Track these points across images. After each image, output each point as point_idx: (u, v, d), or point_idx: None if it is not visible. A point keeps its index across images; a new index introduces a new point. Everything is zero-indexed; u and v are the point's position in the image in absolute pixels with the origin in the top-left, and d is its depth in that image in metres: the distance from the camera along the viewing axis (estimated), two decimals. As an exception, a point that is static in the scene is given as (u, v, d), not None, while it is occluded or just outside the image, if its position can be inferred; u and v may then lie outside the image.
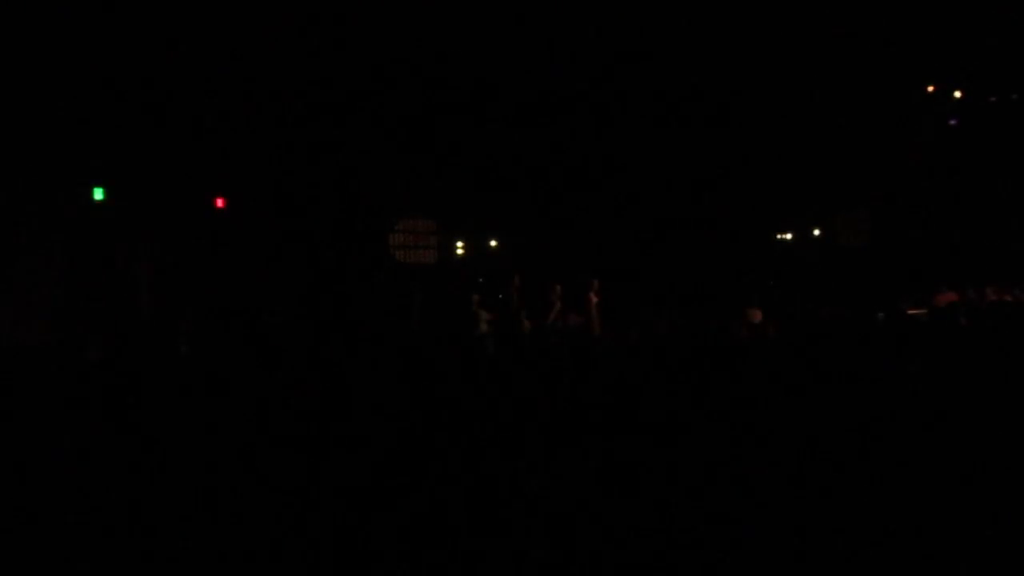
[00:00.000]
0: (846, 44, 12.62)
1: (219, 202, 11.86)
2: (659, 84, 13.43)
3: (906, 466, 3.95)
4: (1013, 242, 14.98)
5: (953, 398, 4.82)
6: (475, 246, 15.91)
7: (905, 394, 5.12)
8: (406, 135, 13.79)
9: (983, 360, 5.50)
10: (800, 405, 5.03)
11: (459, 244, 15.27)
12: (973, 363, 5.43)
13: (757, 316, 13.32)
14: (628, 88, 13.51)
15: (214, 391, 6.08)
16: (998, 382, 4.95)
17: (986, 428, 4.28)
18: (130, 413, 5.81)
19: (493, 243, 16.49)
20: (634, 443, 4.43)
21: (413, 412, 5.17)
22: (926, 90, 14.81)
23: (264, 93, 12.16)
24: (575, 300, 11.00)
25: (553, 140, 14.32)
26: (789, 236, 16.21)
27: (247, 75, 11.82)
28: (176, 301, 10.68)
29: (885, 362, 5.89)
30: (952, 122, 15.31)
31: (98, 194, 10.64)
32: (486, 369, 6.82)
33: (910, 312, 10.13)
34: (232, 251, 11.43)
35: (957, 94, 14.76)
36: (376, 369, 7.18)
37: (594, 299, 10.60)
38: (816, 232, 16.25)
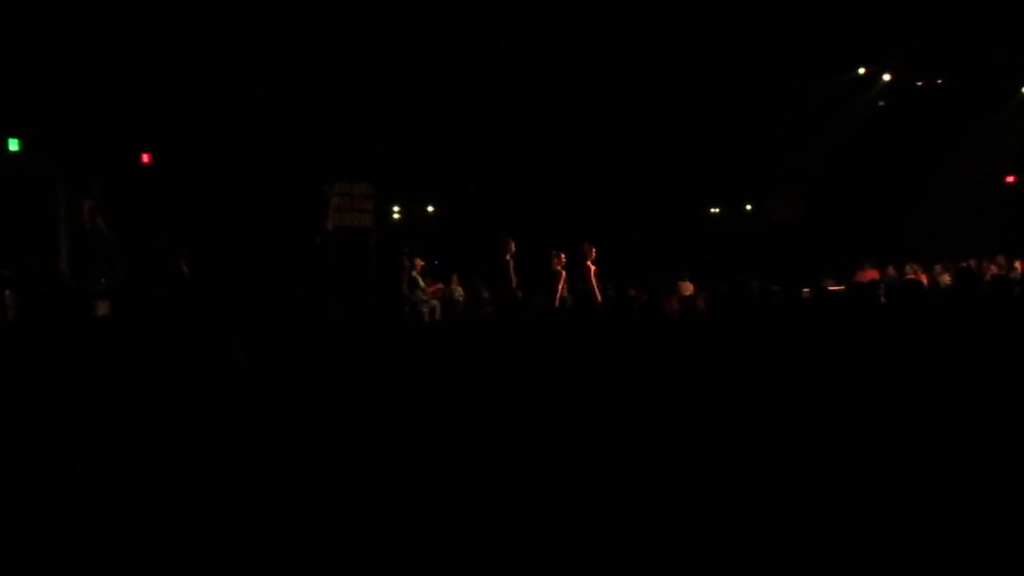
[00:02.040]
0: (784, 23, 12.81)
1: (145, 158, 11.50)
2: (598, 52, 13.42)
3: (821, 441, 4.09)
4: (937, 221, 15.61)
5: (865, 374, 4.99)
6: (412, 211, 15.81)
7: (821, 368, 5.27)
8: (342, 95, 13.54)
9: (897, 337, 5.70)
10: (725, 379, 5.13)
11: (395, 209, 15.15)
12: (888, 340, 5.63)
13: (688, 289, 13.62)
14: (566, 56, 13.48)
15: (135, 356, 5.90)
16: (909, 360, 5.14)
17: (896, 405, 4.45)
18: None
19: (431, 208, 16.40)
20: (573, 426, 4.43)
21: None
22: (857, 72, 15.27)
23: (194, 47, 11.76)
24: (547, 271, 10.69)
25: (488, 106, 14.24)
26: (722, 211, 16.52)
27: (174, 29, 11.40)
28: (96, 260, 10.31)
29: (807, 337, 6.05)
30: (881, 104, 15.81)
31: (13, 145, 10.21)
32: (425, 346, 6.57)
33: (831, 288, 10.45)
34: (158, 208, 11.08)
35: (886, 77, 15.26)
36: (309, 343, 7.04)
37: (592, 268, 10.00)
38: (748, 207, 16.59)
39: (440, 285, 12.16)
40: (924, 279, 12.26)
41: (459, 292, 12.45)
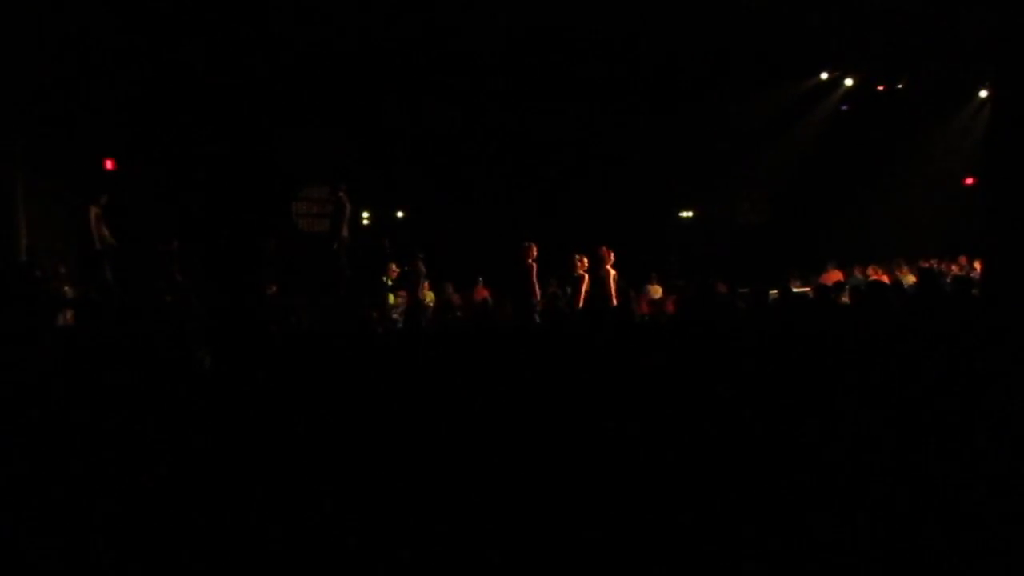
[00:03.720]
0: (749, 29, 12.97)
1: (108, 164, 11.33)
2: (565, 57, 13.48)
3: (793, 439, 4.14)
4: (899, 222, 15.89)
5: (833, 375, 5.05)
6: (381, 216, 15.72)
7: (791, 369, 5.33)
8: (310, 100, 13.47)
9: (863, 337, 5.78)
10: (697, 382, 5.16)
11: (364, 215, 15.06)
12: (850, 341, 5.71)
13: (657, 292, 13.70)
14: (535, 61, 13.52)
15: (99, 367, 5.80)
16: (875, 360, 5.22)
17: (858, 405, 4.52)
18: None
19: (400, 214, 16.32)
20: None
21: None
22: (820, 77, 15.53)
23: (160, 54, 11.62)
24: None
25: (459, 111, 14.23)
26: (690, 214, 16.63)
27: (139, 36, 11.24)
28: (101, 269, 10.09)
29: (774, 339, 6.12)
30: (843, 107, 16.08)
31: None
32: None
33: (795, 290, 10.57)
34: (123, 216, 10.91)
35: (848, 81, 15.53)
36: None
37: (612, 272, 9.78)
38: (717, 210, 16.74)
39: (403, 293, 12.10)
40: (887, 279, 12.46)
41: (429, 297, 12.40)
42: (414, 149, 14.61)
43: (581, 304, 9.72)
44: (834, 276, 13.22)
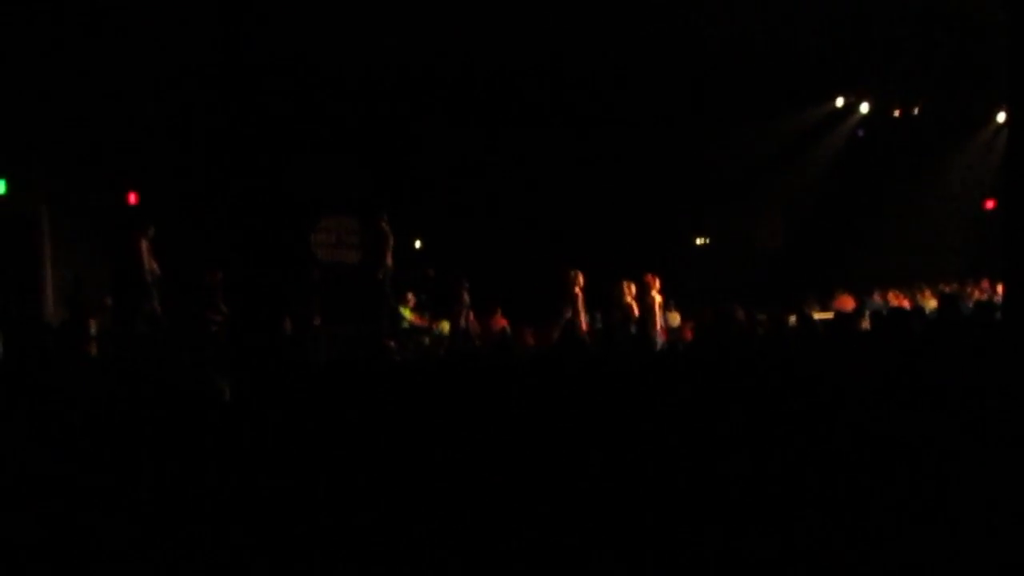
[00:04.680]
0: (765, 54, 13.06)
1: (132, 198, 11.49)
2: (581, 84, 13.59)
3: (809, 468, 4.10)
4: (918, 246, 15.82)
5: (858, 403, 5.00)
6: (398, 246, 15.78)
7: (810, 397, 5.29)
8: (327, 129, 13.62)
9: (887, 364, 5.73)
10: (717, 411, 5.13)
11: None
12: (872, 368, 5.66)
13: (675, 320, 13.64)
14: (549, 88, 13.63)
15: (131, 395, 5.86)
16: (899, 387, 5.16)
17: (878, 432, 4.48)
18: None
19: (418, 244, 16.40)
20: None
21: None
22: (835, 103, 15.57)
23: (179, 85, 11.82)
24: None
25: (478, 140, 14.35)
26: (707, 240, 16.64)
27: (161, 69, 11.45)
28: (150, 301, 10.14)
29: (797, 366, 6.08)
30: (859, 133, 16.09)
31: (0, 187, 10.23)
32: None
33: (817, 316, 10.51)
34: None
35: (864, 107, 15.55)
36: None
37: (658, 298, 9.97)
38: (733, 236, 16.74)
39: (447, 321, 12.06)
40: (907, 304, 12.38)
41: (444, 327, 12.40)
42: (429, 178, 14.71)
43: (633, 330, 9.77)
44: (846, 301, 13.13)
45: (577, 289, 9.84)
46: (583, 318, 9.89)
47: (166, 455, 4.43)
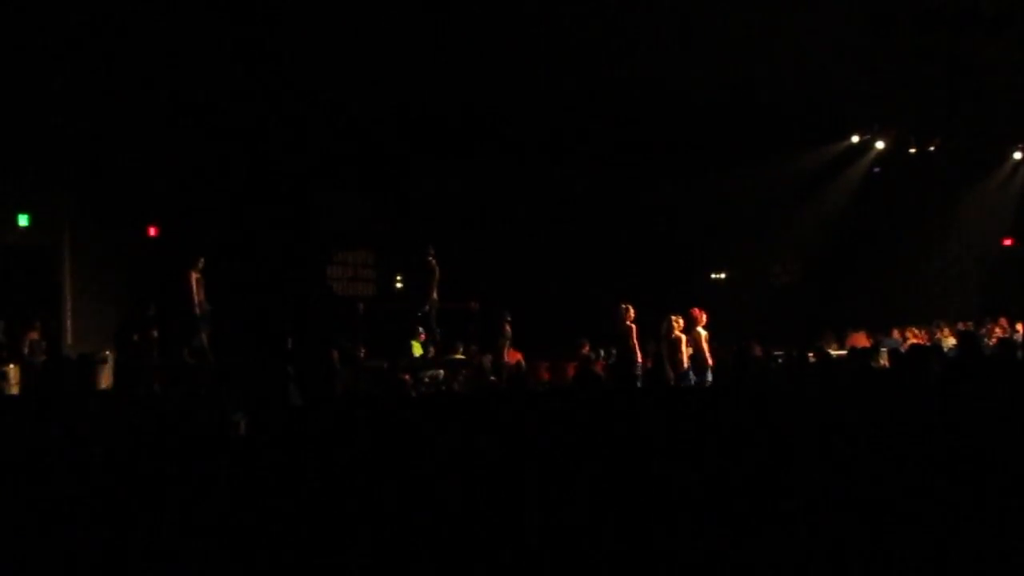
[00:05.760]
0: (781, 91, 13.14)
1: (152, 231, 11.61)
2: (601, 122, 13.68)
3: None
4: (935, 284, 15.71)
5: (879, 442, 4.95)
6: (411, 280, 15.82)
7: (830, 434, 5.24)
8: (344, 164, 13.73)
9: (902, 402, 5.67)
10: (734, 447, 5.09)
11: (398, 277, 15.19)
12: (893, 405, 5.61)
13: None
14: (568, 127, 13.72)
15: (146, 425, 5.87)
16: (913, 427, 5.11)
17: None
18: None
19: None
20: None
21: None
22: (851, 140, 15.57)
23: (200, 122, 11.97)
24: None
25: (494, 175, 14.42)
26: (723, 275, 16.60)
27: (180, 105, 11.60)
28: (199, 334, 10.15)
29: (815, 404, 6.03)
30: (876, 170, 16.07)
31: (23, 220, 10.37)
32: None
33: (834, 353, 10.43)
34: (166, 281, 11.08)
35: (880, 144, 15.55)
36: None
37: (703, 332, 9.94)
38: (749, 271, 16.69)
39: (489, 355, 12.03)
40: (924, 341, 12.26)
41: (486, 361, 12.34)
42: (445, 213, 14.78)
43: (686, 365, 9.75)
44: (859, 340, 13.00)
45: (629, 322, 9.87)
46: (638, 351, 9.91)
47: (177, 489, 4.43)
